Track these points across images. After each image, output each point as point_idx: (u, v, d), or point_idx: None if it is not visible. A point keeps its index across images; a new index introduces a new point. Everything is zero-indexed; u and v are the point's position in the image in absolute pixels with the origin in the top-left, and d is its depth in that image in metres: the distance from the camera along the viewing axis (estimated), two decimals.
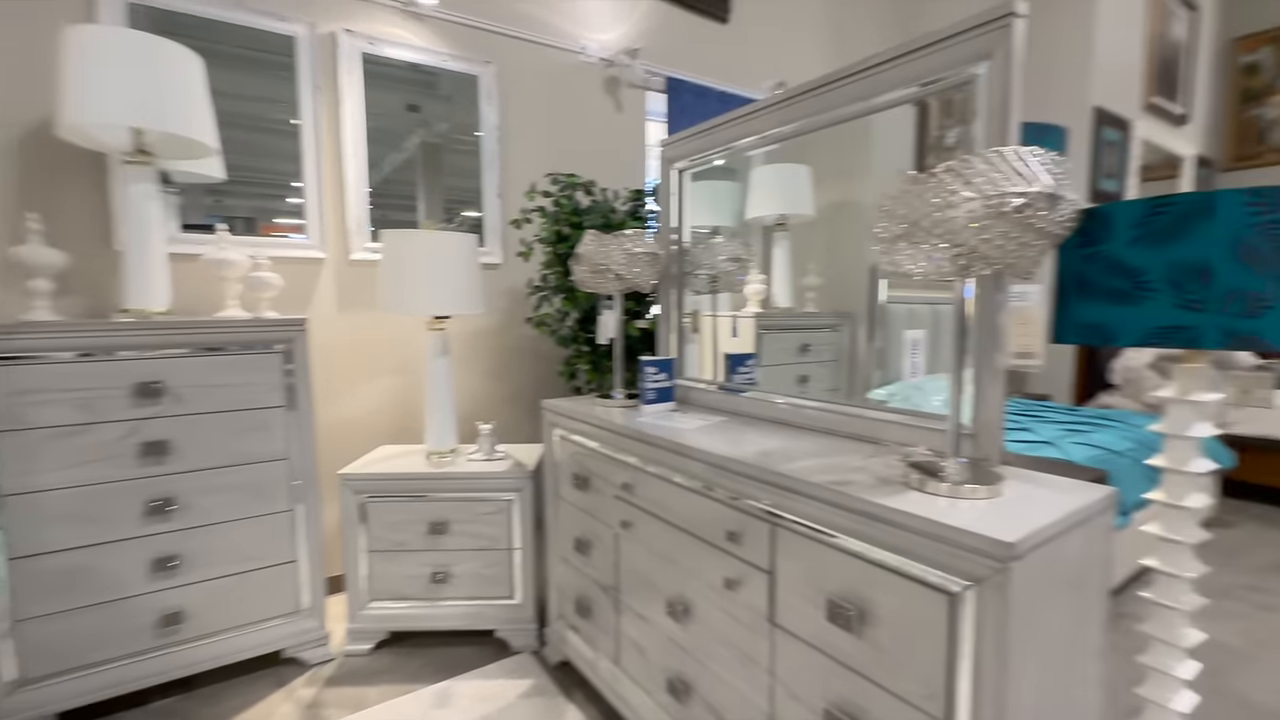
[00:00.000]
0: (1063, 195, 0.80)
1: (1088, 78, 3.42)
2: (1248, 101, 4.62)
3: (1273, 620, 1.98)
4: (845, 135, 1.28)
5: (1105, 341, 0.89)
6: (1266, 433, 2.95)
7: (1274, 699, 1.59)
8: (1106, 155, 3.59)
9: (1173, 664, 0.97)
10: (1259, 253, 0.77)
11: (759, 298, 1.62)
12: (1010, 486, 0.91)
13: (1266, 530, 2.71)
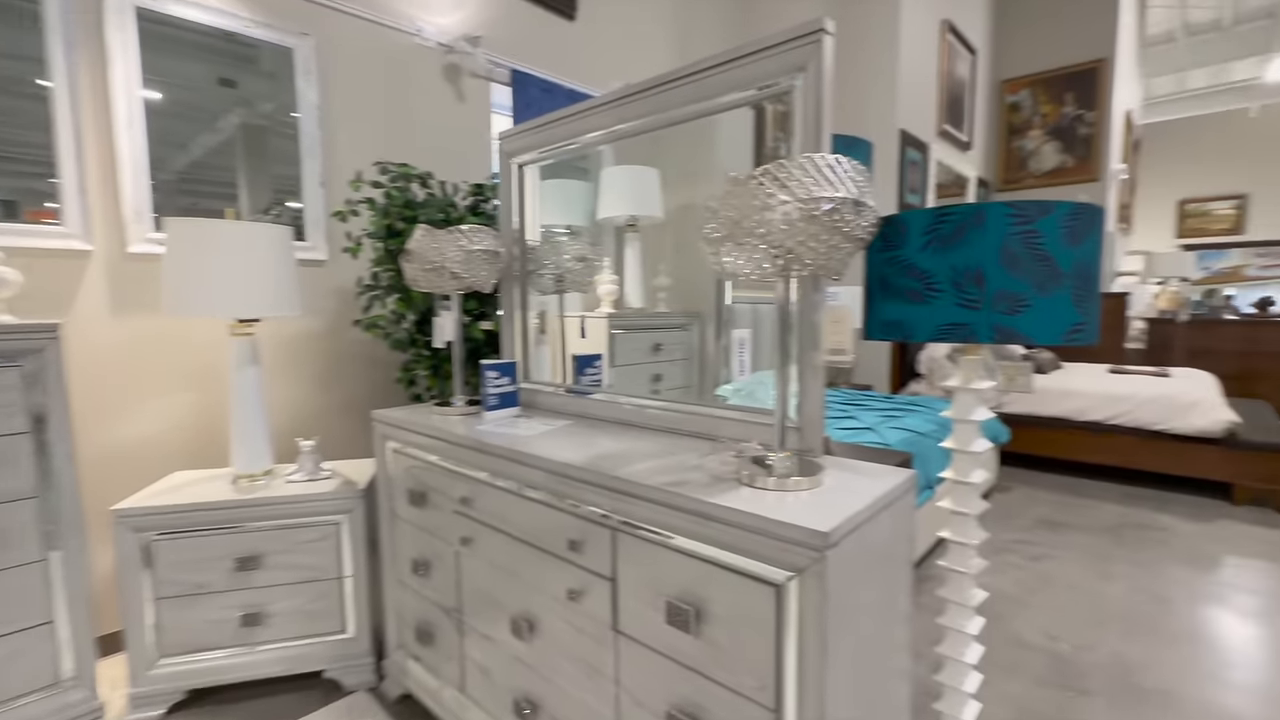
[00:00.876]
0: (865, 202, 0.86)
1: (895, 103, 3.87)
2: (1013, 134, 5.54)
3: (1040, 568, 2.36)
4: (690, 139, 1.30)
5: (904, 337, 0.98)
6: (1031, 411, 3.54)
7: (1042, 637, 1.89)
8: (911, 173, 4.10)
9: (964, 622, 1.10)
10: (1018, 259, 0.89)
11: (612, 298, 1.61)
12: (831, 476, 0.96)
13: (1035, 492, 3.25)
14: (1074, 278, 0.89)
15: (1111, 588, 2.18)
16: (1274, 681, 1.66)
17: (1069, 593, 2.16)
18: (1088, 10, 5.16)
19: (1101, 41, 5.12)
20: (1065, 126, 5.28)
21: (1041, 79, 5.36)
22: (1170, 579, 2.25)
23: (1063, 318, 0.89)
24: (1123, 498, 3.14)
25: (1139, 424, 3.20)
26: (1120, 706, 1.56)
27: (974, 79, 5.01)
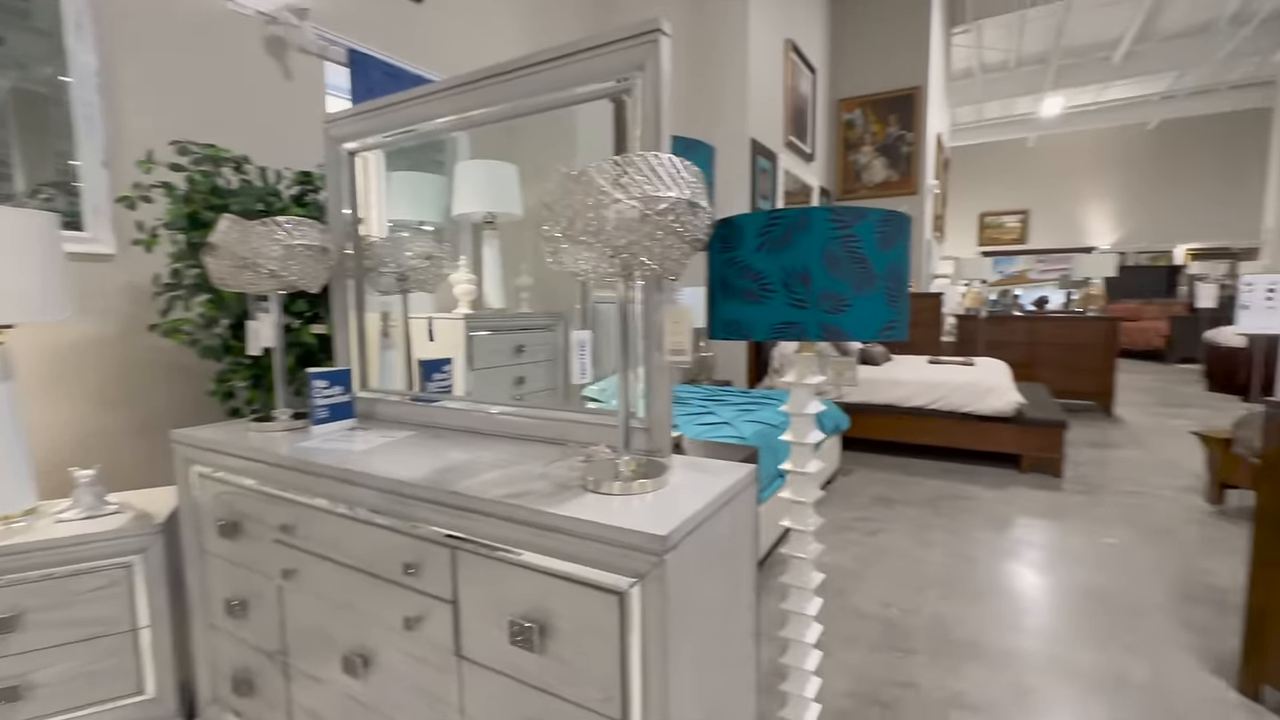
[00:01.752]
0: (700, 204, 0.87)
1: (746, 114, 4.09)
2: (849, 148, 6.11)
3: (876, 542, 2.61)
4: (549, 133, 1.25)
5: (743, 336, 1.01)
6: (868, 400, 3.92)
7: (877, 605, 2.08)
8: (761, 180, 4.36)
9: (804, 604, 1.16)
10: (838, 260, 0.94)
11: (469, 298, 1.52)
12: (677, 475, 0.97)
13: (872, 473, 3.60)
14: (887, 279, 0.97)
15: (931, 554, 2.46)
16: (1056, 622, 1.95)
17: (899, 561, 2.40)
18: (905, 42, 5.82)
19: (916, 71, 5.80)
20: (891, 144, 5.92)
21: (871, 100, 5.97)
22: (976, 541, 2.59)
23: (878, 315, 0.97)
24: (941, 473, 3.58)
25: (951, 407, 3.66)
26: (938, 660, 1.76)
27: (815, 96, 5.45)
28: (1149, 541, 2.56)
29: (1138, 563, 2.37)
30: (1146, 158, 11.60)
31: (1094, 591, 2.15)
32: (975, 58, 9.29)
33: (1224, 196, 10.92)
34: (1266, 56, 8.67)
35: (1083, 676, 1.68)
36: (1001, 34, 8.61)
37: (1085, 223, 12.13)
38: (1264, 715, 1.52)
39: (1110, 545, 2.53)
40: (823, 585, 2.22)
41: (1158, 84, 10.19)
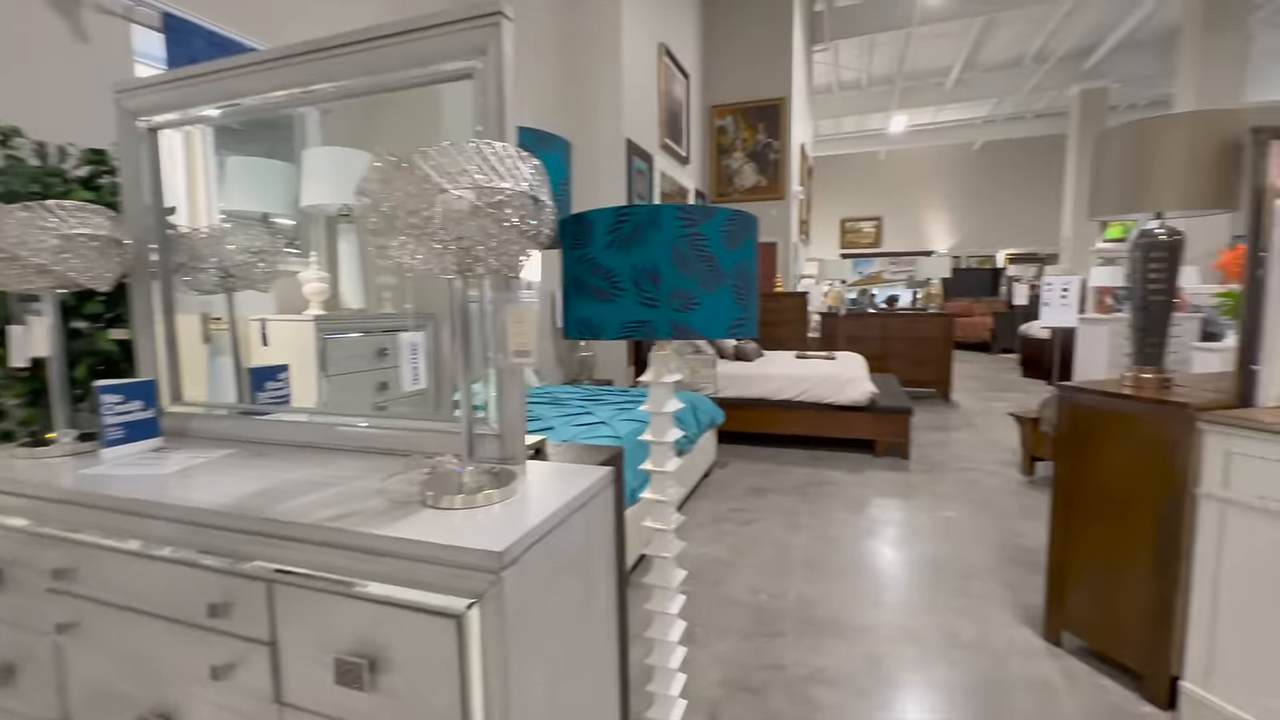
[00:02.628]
0: (541, 198, 0.83)
1: (621, 114, 4.11)
2: (722, 153, 6.36)
3: (749, 531, 2.71)
4: (408, 119, 1.15)
5: (595, 336, 0.99)
6: (742, 394, 4.10)
7: (748, 593, 2.16)
8: (638, 180, 4.40)
9: (668, 603, 1.16)
10: (687, 259, 0.94)
11: (322, 298, 1.36)
12: (529, 483, 0.92)
13: (747, 464, 3.76)
14: (734, 277, 0.99)
15: (798, 539, 2.61)
16: (903, 593, 2.14)
17: (769, 548, 2.52)
18: (770, 55, 6.16)
19: (781, 83, 6.16)
20: (760, 151, 6.24)
21: (741, 108, 6.25)
22: (838, 523, 2.78)
23: (727, 313, 0.98)
24: (808, 461, 3.82)
25: (816, 399, 3.92)
26: (802, 640, 1.85)
27: (688, 101, 5.60)
28: (977, 512, 2.89)
29: (968, 532, 2.66)
30: (973, 173, 13.21)
31: (933, 561, 2.38)
32: (834, 75, 10.06)
33: (1033, 209, 12.71)
34: (1061, 90, 10.19)
35: (923, 641, 1.84)
36: (855, 55, 9.40)
37: (928, 229, 13.58)
38: (1063, 657, 1.75)
39: (947, 518, 2.83)
40: (698, 578, 2.27)
41: (981, 109, 11.64)
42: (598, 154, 4.15)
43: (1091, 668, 1.70)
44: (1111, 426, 1.62)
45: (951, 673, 1.69)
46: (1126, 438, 1.58)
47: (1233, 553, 1.39)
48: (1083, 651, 1.77)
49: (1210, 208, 1.51)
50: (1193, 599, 1.47)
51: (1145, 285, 1.65)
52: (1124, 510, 1.60)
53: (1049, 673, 1.68)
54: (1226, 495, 1.39)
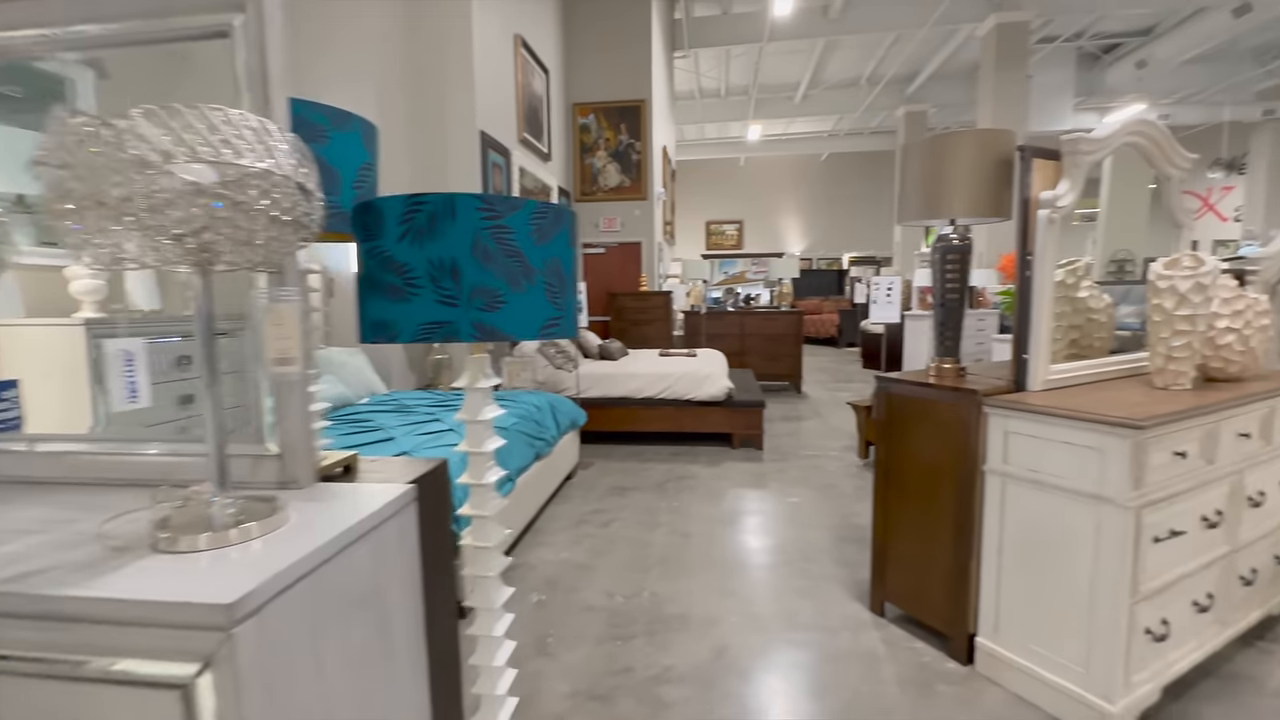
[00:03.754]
0: (303, 181, 0.71)
1: (475, 105, 3.92)
2: (585, 152, 6.32)
3: (608, 532, 2.69)
4: (206, 92, 0.94)
5: (391, 338, 0.88)
6: (605, 394, 4.09)
7: (603, 597, 2.13)
8: (495, 175, 4.23)
9: (493, 625, 1.08)
10: (491, 254, 0.87)
11: (96, 297, 1.09)
12: (307, 512, 0.79)
13: (609, 464, 3.75)
14: (546, 274, 0.93)
15: (656, 536, 2.63)
16: (750, 581, 2.22)
17: (627, 548, 2.51)
18: (630, 57, 6.22)
19: (641, 85, 6.25)
20: (622, 152, 6.29)
21: (603, 107, 6.26)
22: (694, 517, 2.84)
23: (538, 313, 0.92)
24: (670, 456, 3.89)
25: (677, 396, 4.01)
26: (653, 639, 1.85)
27: (549, 96, 5.50)
28: (819, 496, 3.11)
29: (811, 515, 2.84)
30: (821, 182, 14.39)
31: (779, 547, 2.50)
32: (695, 82, 10.44)
33: (871, 216, 14.11)
34: (891, 111, 11.39)
35: (766, 626, 1.92)
36: (714, 64, 9.82)
37: (784, 232, 14.58)
38: (886, 626, 1.91)
39: (793, 504, 3.00)
40: (554, 585, 2.20)
41: (826, 124, 12.69)
42: (449, 145, 3.92)
43: (909, 633, 1.86)
44: (919, 412, 1.78)
45: (790, 653, 1.77)
46: (931, 422, 1.75)
47: (1012, 521, 1.58)
48: (902, 619, 1.94)
49: (991, 216, 1.71)
50: (983, 564, 1.65)
51: (944, 285, 1.83)
52: (931, 487, 1.77)
53: (874, 642, 1.82)
54: (1006, 470, 1.57)
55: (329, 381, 2.84)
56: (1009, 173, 1.68)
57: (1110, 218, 2.02)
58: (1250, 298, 1.74)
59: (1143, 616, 1.42)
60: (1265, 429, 1.68)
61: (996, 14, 7.39)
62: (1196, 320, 1.58)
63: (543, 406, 3.04)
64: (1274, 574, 1.81)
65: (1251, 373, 1.78)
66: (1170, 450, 1.41)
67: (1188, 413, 1.42)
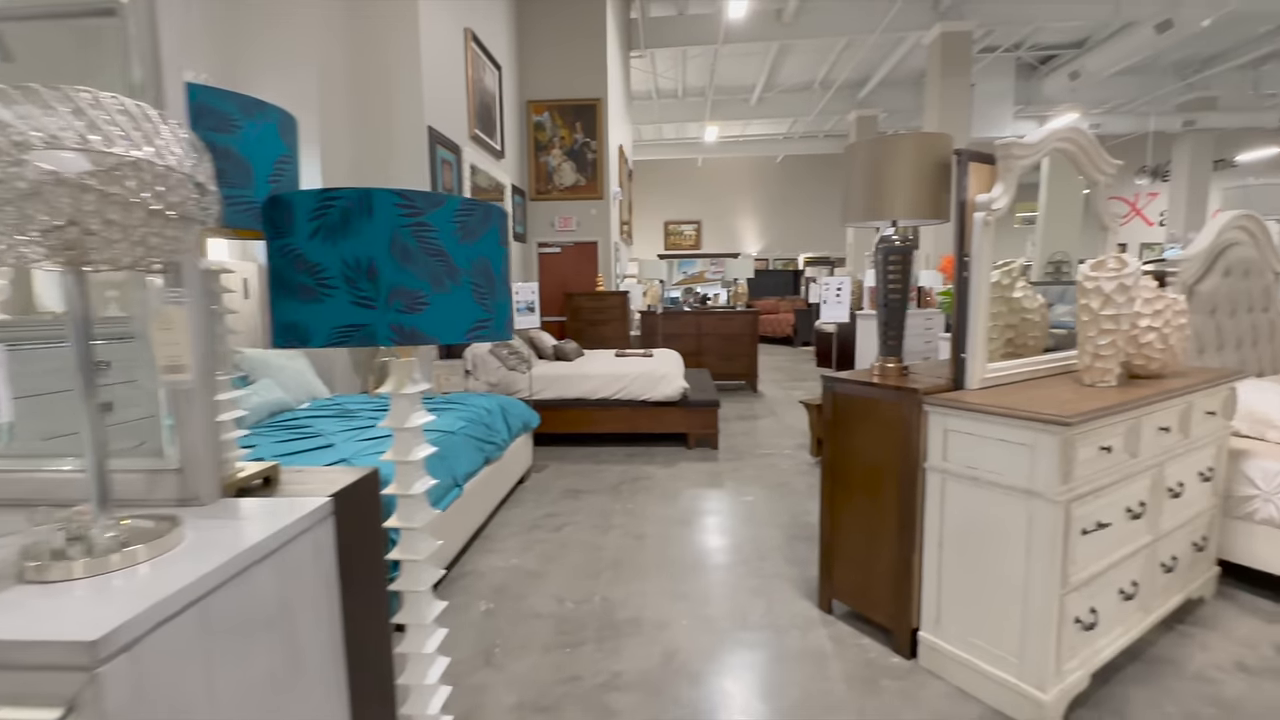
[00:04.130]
0: (193, 172, 0.65)
1: (422, 100, 3.81)
2: (540, 150, 6.24)
3: (560, 536, 2.65)
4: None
5: (303, 343, 0.82)
6: (560, 395, 4.03)
7: (552, 604, 2.08)
8: (445, 172, 4.12)
9: (424, 642, 1.03)
10: (411, 252, 0.82)
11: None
12: (207, 531, 0.73)
13: (564, 466, 3.70)
14: (473, 274, 0.89)
15: (609, 539, 2.60)
16: (703, 582, 2.21)
17: (579, 552, 2.47)
18: (585, 56, 6.18)
19: (597, 84, 6.20)
20: (578, 150, 6.23)
21: (558, 105, 6.19)
22: (649, 518, 2.83)
23: (465, 315, 0.88)
24: (626, 457, 3.87)
25: (632, 396, 3.99)
26: (602, 645, 1.82)
27: (501, 93, 5.40)
28: (772, 494, 3.13)
29: (764, 514, 2.86)
30: (777, 184, 14.61)
31: (732, 546, 2.51)
32: (652, 82, 10.45)
33: (825, 218, 14.41)
34: (843, 115, 11.65)
35: (717, 628, 1.91)
36: (671, 65, 9.84)
37: (741, 233, 14.74)
38: (834, 623, 1.93)
39: (747, 502, 3.02)
40: (503, 592, 2.15)
41: (781, 127, 12.89)
42: (395, 141, 3.80)
43: (856, 629, 1.88)
44: (863, 411, 1.80)
45: (740, 655, 1.77)
46: (874, 420, 1.77)
47: (951, 517, 1.61)
48: (849, 616, 1.96)
49: (931, 218, 1.74)
50: (924, 559, 1.69)
51: (886, 286, 1.86)
52: (875, 485, 1.79)
53: (821, 640, 1.83)
54: (945, 467, 1.61)
55: (266, 386, 2.71)
56: (947, 175, 1.72)
57: (1048, 221, 2.09)
58: (1169, 298, 1.82)
59: (1073, 606, 1.47)
60: (1183, 423, 1.77)
61: (941, 23, 7.63)
62: (1120, 320, 1.64)
63: (493, 409, 2.98)
64: (1192, 560, 1.91)
65: (1171, 369, 1.87)
66: (1097, 445, 1.46)
67: (1112, 409, 1.47)
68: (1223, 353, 2.49)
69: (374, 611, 1.02)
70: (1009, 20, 7.60)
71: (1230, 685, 1.60)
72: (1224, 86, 9.85)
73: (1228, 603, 2.00)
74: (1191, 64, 9.62)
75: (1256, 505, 2.00)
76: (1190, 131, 10.83)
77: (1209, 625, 1.88)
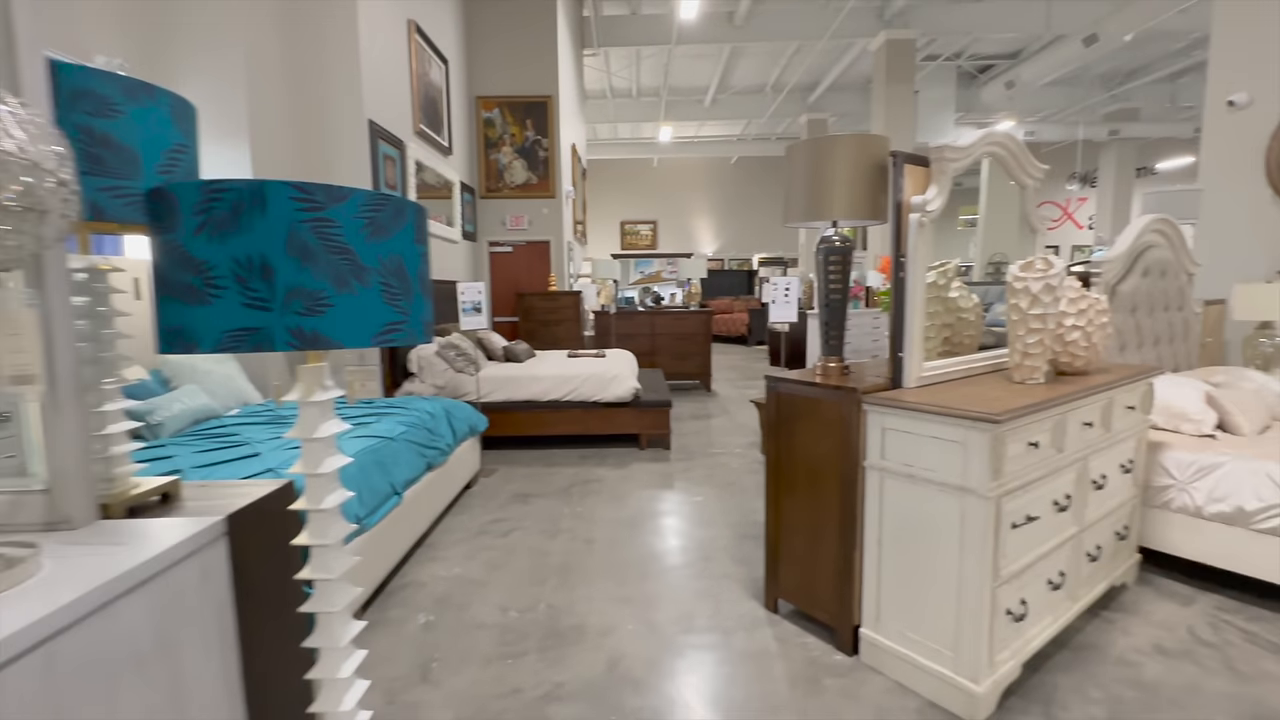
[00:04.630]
0: (40, 162, 0.58)
1: (362, 92, 3.66)
2: (490, 147, 6.12)
3: (507, 542, 2.58)
4: None
5: (189, 348, 0.75)
6: (510, 398, 3.95)
7: (496, 613, 2.02)
8: (387, 167, 3.98)
9: (338, 665, 0.97)
10: (311, 250, 0.76)
11: None
12: (69, 557, 0.66)
13: (513, 470, 3.62)
14: (383, 274, 0.83)
15: (556, 543, 2.55)
16: (649, 585, 2.19)
17: (526, 558, 2.41)
18: (536, 52, 6.09)
19: (548, 81, 6.12)
20: (529, 148, 6.14)
21: (508, 102, 6.07)
22: (599, 521, 2.79)
23: (373, 317, 0.82)
24: (578, 460, 3.81)
25: (584, 397, 3.94)
26: (545, 655, 1.78)
27: (449, 88, 5.26)
28: (722, 494, 3.14)
29: (713, 514, 2.86)
30: (732, 185, 14.78)
31: (680, 548, 2.49)
32: (607, 81, 10.40)
33: (778, 219, 14.64)
34: (795, 118, 11.86)
35: (662, 631, 1.89)
36: (625, 64, 9.82)
37: (697, 233, 14.84)
38: (779, 623, 1.93)
39: (697, 502, 3.01)
40: (444, 603, 2.07)
41: (735, 128, 13.04)
42: (334, 133, 3.65)
43: (800, 628, 1.89)
44: (806, 410, 1.81)
45: (684, 659, 1.75)
46: (816, 420, 1.78)
47: (890, 515, 1.63)
48: (794, 615, 1.97)
49: (869, 219, 1.76)
50: (865, 557, 1.70)
51: (827, 286, 1.87)
52: (817, 484, 1.80)
53: (766, 640, 1.83)
54: (884, 465, 1.63)
55: (190, 392, 2.55)
56: (884, 177, 1.74)
57: (988, 224, 2.15)
58: (1093, 297, 1.90)
59: (1004, 599, 1.50)
60: (1105, 417, 1.84)
61: (886, 30, 7.85)
62: (1047, 319, 1.70)
63: (437, 413, 2.88)
64: (1115, 549, 1.99)
65: (1094, 366, 1.95)
66: (1025, 441, 1.51)
67: (1039, 405, 1.52)
68: (1142, 350, 2.62)
69: (286, 637, 0.95)
70: (949, 30, 7.87)
71: (1149, 668, 1.67)
72: (1145, 99, 10.47)
73: (1148, 588, 2.11)
74: (1116, 77, 10.18)
75: (1172, 494, 2.11)
76: (1115, 140, 11.48)
77: (1131, 610, 1.96)
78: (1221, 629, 1.85)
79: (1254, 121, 3.68)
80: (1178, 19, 7.13)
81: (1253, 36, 3.68)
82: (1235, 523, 1.97)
